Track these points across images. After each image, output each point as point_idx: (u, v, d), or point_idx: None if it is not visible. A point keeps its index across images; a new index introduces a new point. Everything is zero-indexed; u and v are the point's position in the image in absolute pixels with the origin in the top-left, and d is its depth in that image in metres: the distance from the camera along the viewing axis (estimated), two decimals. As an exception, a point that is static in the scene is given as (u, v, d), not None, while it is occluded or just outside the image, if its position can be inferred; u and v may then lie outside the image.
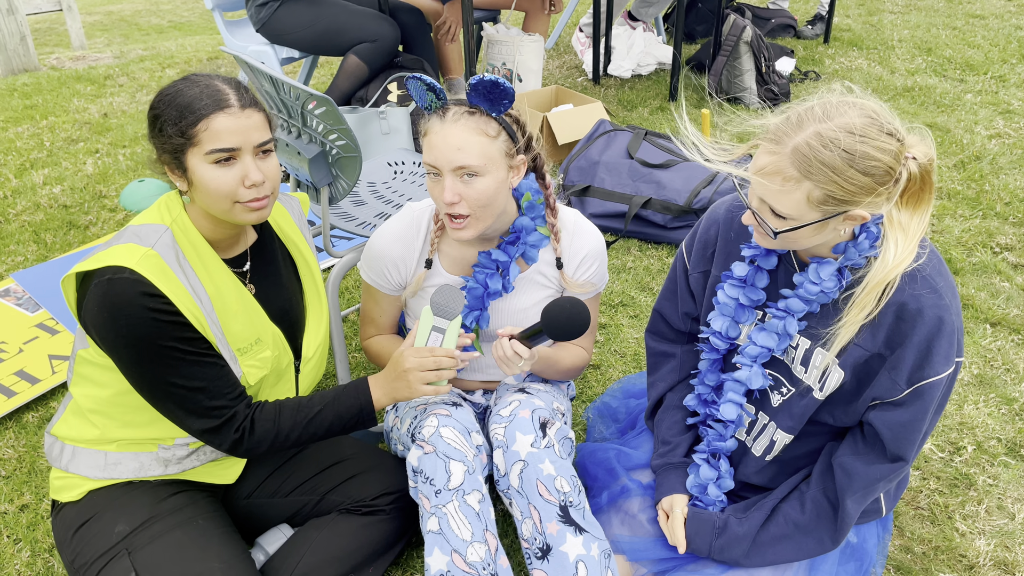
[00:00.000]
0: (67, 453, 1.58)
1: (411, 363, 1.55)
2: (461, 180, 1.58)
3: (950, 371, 1.39)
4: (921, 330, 1.36)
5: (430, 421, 1.62)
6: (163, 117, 1.42)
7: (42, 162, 3.88)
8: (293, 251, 1.73)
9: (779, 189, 1.29)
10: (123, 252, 1.41)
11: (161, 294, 1.39)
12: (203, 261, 1.50)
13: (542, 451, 1.59)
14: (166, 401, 1.46)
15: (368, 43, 3.61)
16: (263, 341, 1.58)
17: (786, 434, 1.56)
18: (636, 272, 2.95)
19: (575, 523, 1.55)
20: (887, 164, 1.25)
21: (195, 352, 1.44)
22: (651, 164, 3.20)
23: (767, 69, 4.32)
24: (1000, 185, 3.49)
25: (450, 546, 1.52)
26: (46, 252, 3.10)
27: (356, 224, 2.21)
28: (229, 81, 1.46)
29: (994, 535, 1.89)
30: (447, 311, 1.56)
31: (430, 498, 1.56)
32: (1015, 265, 2.95)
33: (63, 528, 1.58)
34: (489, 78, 1.52)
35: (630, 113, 4.31)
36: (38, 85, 4.96)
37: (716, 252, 1.61)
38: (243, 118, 1.42)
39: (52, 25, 7.08)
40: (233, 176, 1.42)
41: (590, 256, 1.80)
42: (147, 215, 1.51)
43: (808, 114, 1.28)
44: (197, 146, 1.40)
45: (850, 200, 1.27)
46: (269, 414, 1.54)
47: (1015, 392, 2.32)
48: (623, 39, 4.79)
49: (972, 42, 5.27)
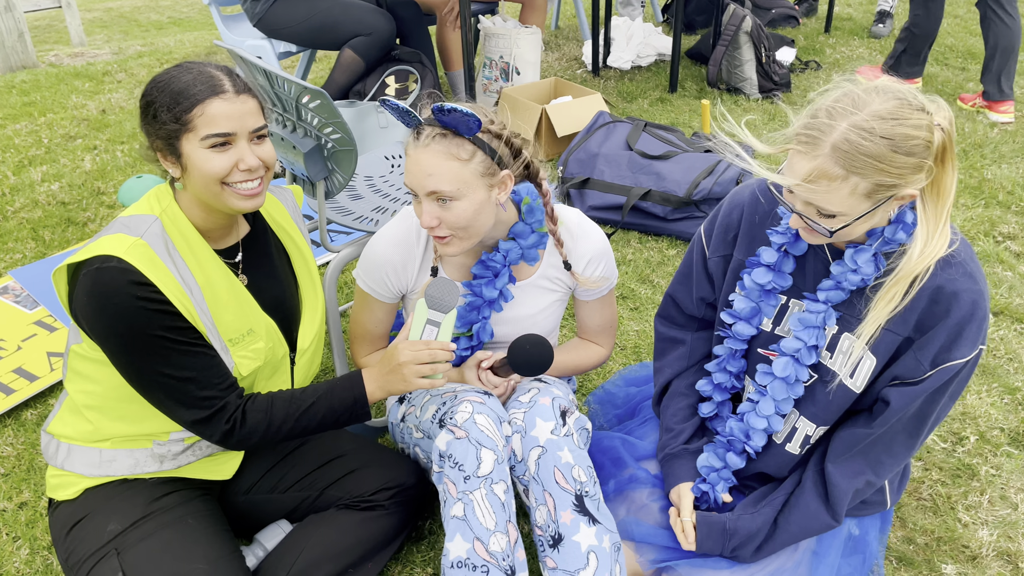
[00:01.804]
0: (63, 451, 1.58)
1: (406, 356, 1.53)
2: (437, 204, 1.56)
3: (973, 355, 1.39)
4: (956, 313, 1.36)
5: (464, 407, 1.61)
6: (157, 103, 1.41)
7: (40, 159, 3.87)
8: (287, 242, 1.72)
9: (826, 190, 1.27)
10: (112, 242, 1.40)
11: (149, 282, 1.39)
12: (193, 251, 1.49)
13: (561, 439, 1.59)
14: (156, 391, 1.45)
15: (363, 36, 3.60)
16: (255, 332, 1.57)
17: (817, 425, 1.54)
18: (636, 264, 2.94)
19: (589, 513, 1.55)
20: (926, 139, 1.25)
21: (184, 342, 1.43)
22: (651, 156, 3.18)
23: (767, 59, 4.30)
24: (1002, 174, 3.46)
25: (473, 533, 1.51)
26: (44, 249, 3.09)
27: (353, 218, 2.20)
28: (222, 68, 1.46)
29: (997, 525, 1.88)
30: (442, 304, 1.55)
31: (457, 483, 1.54)
32: (1017, 254, 2.93)
33: (58, 526, 1.57)
34: (448, 106, 1.48)
35: (630, 104, 4.29)
36: (36, 82, 4.95)
37: (740, 236, 1.59)
38: (238, 103, 1.42)
39: (52, 22, 7.07)
40: (227, 160, 1.42)
41: (596, 258, 1.78)
42: (137, 207, 1.50)
43: (836, 110, 1.26)
44: (192, 131, 1.40)
45: (898, 183, 1.27)
46: (261, 405, 1.53)
47: (1018, 382, 2.30)
48: (622, 30, 4.77)
49: (974, 30, 5.23)
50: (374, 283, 1.78)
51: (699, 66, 4.82)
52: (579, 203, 3.24)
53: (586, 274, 1.78)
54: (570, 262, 1.77)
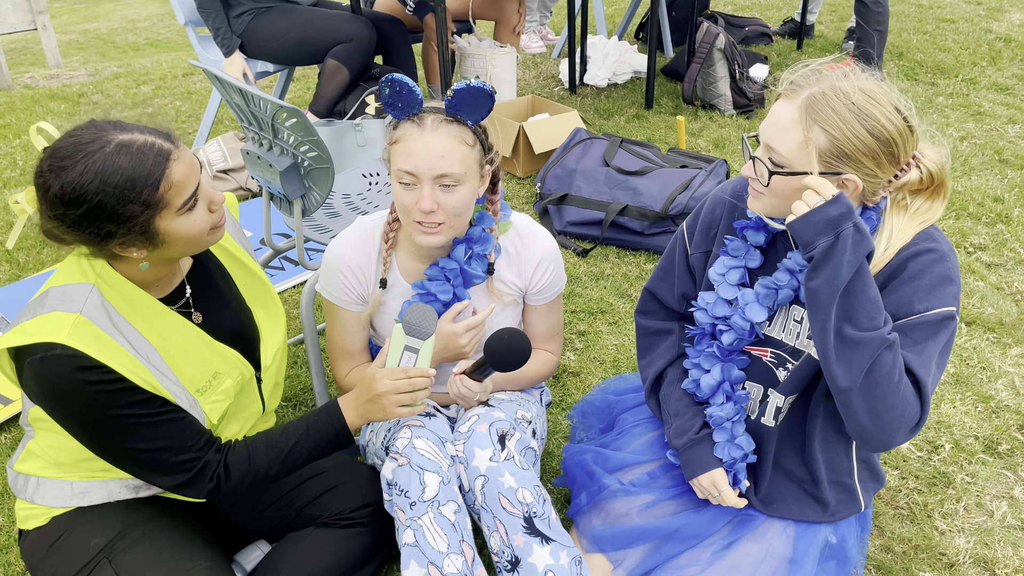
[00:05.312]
0: (31, 484, 1.53)
1: (385, 387, 1.52)
2: (440, 188, 1.57)
3: (940, 310, 1.37)
4: (913, 267, 1.39)
5: (403, 433, 1.61)
6: (106, 203, 1.25)
7: (15, 181, 3.84)
8: (227, 261, 1.66)
9: (787, 128, 1.34)
10: (50, 323, 1.31)
11: (99, 364, 1.31)
12: (139, 312, 1.42)
13: (501, 464, 1.59)
14: (131, 465, 1.41)
15: (344, 44, 3.61)
16: (221, 374, 1.52)
17: (785, 396, 1.57)
18: (614, 279, 2.95)
19: (541, 533, 1.54)
20: (891, 135, 1.32)
21: (149, 414, 1.37)
22: (627, 171, 3.21)
23: (741, 76, 4.35)
24: (972, 186, 3.52)
25: (426, 558, 1.51)
26: (19, 272, 3.06)
27: (330, 236, 2.20)
28: (135, 127, 1.32)
29: (973, 533, 1.89)
30: (420, 330, 1.54)
31: (405, 511, 1.54)
32: (988, 264, 2.98)
33: (33, 551, 1.53)
34: (476, 84, 1.52)
35: (606, 121, 4.33)
36: (11, 104, 4.92)
37: (719, 232, 1.62)
38: (186, 155, 1.34)
39: (27, 45, 7.03)
40: (204, 211, 1.39)
41: (544, 260, 1.79)
42: (67, 272, 1.39)
43: (825, 75, 1.37)
44: (167, 207, 1.31)
45: (851, 159, 1.32)
46: (242, 455, 1.50)
47: (991, 390, 2.34)
48: (598, 48, 4.81)
49: (943, 46, 5.33)
50: (334, 288, 1.77)
51: (674, 83, 4.87)
52: (557, 219, 3.26)
53: (536, 276, 1.79)
54: (518, 265, 1.78)
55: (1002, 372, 2.41)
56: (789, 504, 1.63)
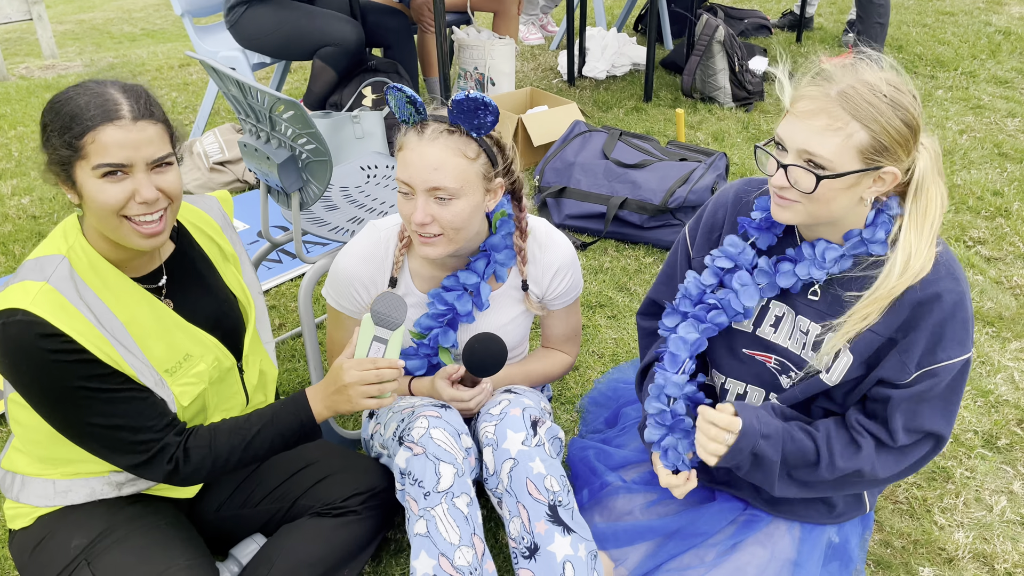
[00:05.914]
0: (17, 483, 1.53)
1: (352, 377, 1.48)
2: (435, 201, 1.54)
3: (963, 358, 1.39)
4: (938, 314, 1.36)
5: (420, 423, 1.59)
6: (51, 126, 1.32)
7: (10, 172, 3.82)
8: (215, 255, 1.64)
9: (824, 128, 1.30)
10: (18, 291, 1.32)
11: (60, 332, 1.30)
12: (108, 286, 1.41)
13: (533, 449, 1.58)
14: (88, 440, 1.40)
15: (331, 47, 3.59)
16: (193, 356, 1.51)
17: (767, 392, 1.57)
18: (613, 272, 2.94)
19: (563, 523, 1.54)
20: (916, 121, 1.32)
21: (107, 389, 1.36)
22: (626, 164, 3.19)
23: (740, 68, 4.33)
24: (971, 179, 3.51)
25: (437, 549, 1.50)
26: (14, 264, 3.05)
27: (328, 229, 2.18)
28: (127, 89, 1.35)
29: (972, 527, 1.89)
30: (389, 320, 1.51)
31: (418, 500, 1.53)
32: (988, 258, 2.97)
33: (19, 553, 1.53)
34: (474, 95, 1.48)
35: (605, 114, 4.31)
36: (6, 95, 4.89)
37: (723, 235, 1.60)
38: (135, 131, 1.31)
39: (23, 35, 6.98)
40: (122, 190, 1.32)
41: (563, 268, 1.78)
42: (47, 244, 1.41)
43: (846, 70, 1.34)
44: (85, 159, 1.30)
45: (889, 151, 1.31)
46: (203, 439, 1.48)
47: (990, 384, 2.33)
48: (597, 40, 4.79)
49: (942, 39, 5.32)
50: (343, 299, 1.76)
51: (673, 75, 4.85)
52: (556, 212, 3.24)
53: (552, 284, 1.78)
54: (538, 272, 1.76)
55: (1001, 366, 2.41)
56: (795, 505, 1.62)
